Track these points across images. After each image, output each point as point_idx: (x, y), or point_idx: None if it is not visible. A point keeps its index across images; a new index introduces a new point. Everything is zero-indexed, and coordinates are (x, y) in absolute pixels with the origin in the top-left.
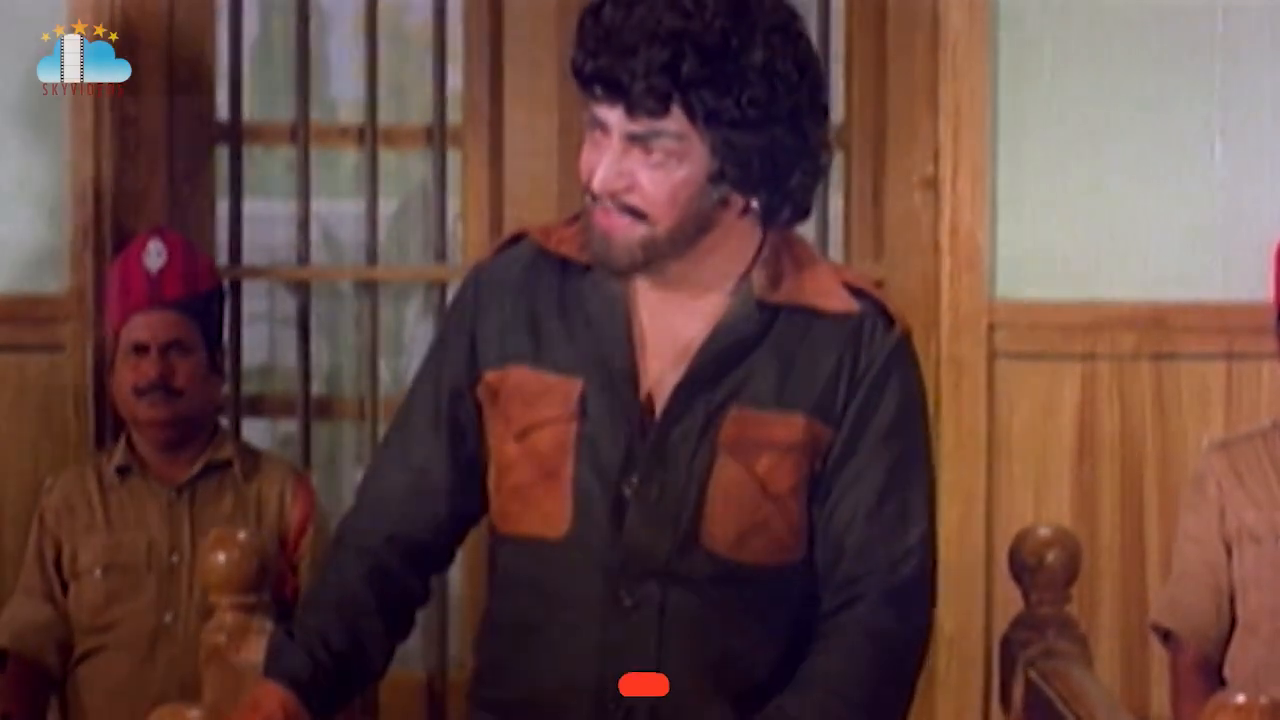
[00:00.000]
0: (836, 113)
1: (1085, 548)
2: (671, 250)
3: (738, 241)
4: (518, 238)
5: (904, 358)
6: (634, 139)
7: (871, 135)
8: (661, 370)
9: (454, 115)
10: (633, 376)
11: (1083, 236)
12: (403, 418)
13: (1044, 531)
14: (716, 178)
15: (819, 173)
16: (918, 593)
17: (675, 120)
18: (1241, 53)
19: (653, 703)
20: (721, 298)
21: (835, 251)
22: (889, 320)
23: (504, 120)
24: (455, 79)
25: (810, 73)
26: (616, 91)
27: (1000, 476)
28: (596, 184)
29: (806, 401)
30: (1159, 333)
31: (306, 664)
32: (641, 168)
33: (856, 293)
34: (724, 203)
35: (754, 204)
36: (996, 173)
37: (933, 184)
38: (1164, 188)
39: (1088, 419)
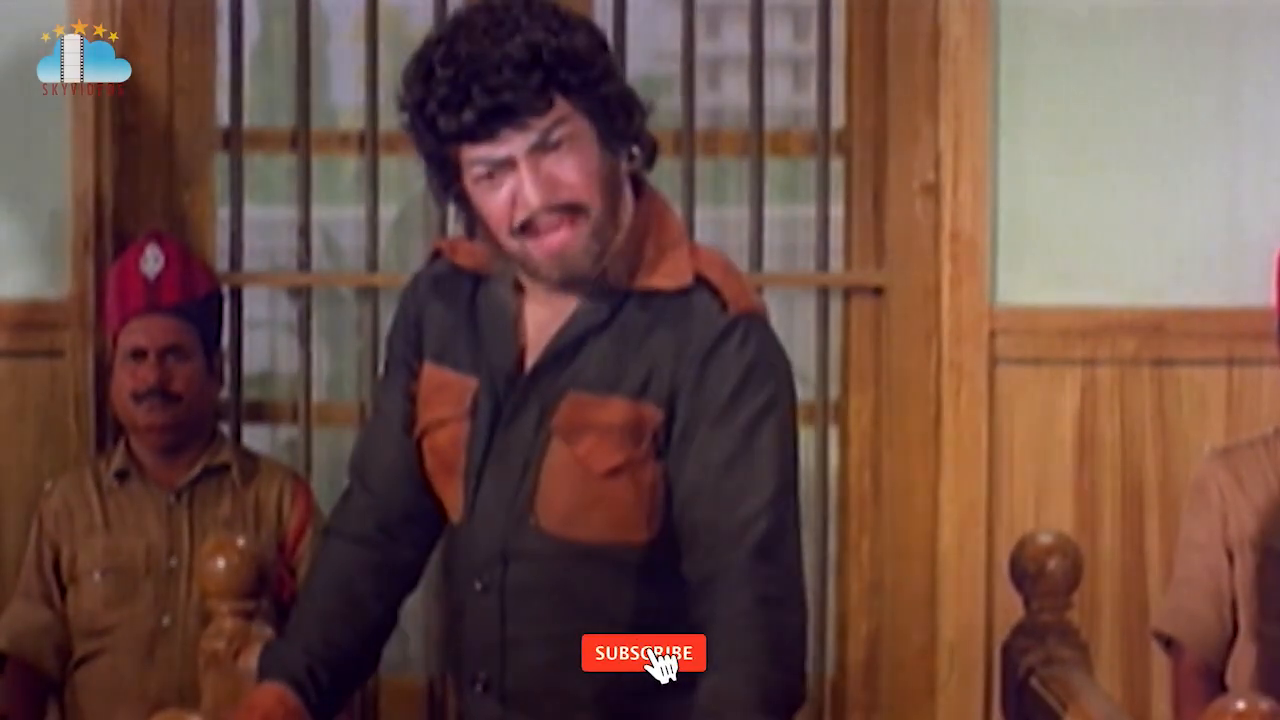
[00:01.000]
0: (837, 118)
1: (1086, 554)
2: (614, 230)
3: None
4: (438, 252)
5: (739, 336)
6: (535, 149)
7: (872, 141)
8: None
9: None
10: (513, 376)
11: (1083, 242)
12: (376, 412)
13: (1045, 538)
14: (605, 140)
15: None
16: (780, 546)
17: (558, 107)
18: (1243, 60)
19: (504, 681)
20: (585, 290)
21: (836, 258)
22: (723, 306)
23: None
24: None
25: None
26: (505, 115)
27: (1001, 482)
28: (534, 200)
29: (632, 383)
30: (1159, 338)
31: (302, 659)
32: (555, 166)
33: (700, 278)
34: (616, 162)
35: (635, 152)
36: (997, 179)
37: (933, 190)
38: (1164, 194)
39: (1088, 425)
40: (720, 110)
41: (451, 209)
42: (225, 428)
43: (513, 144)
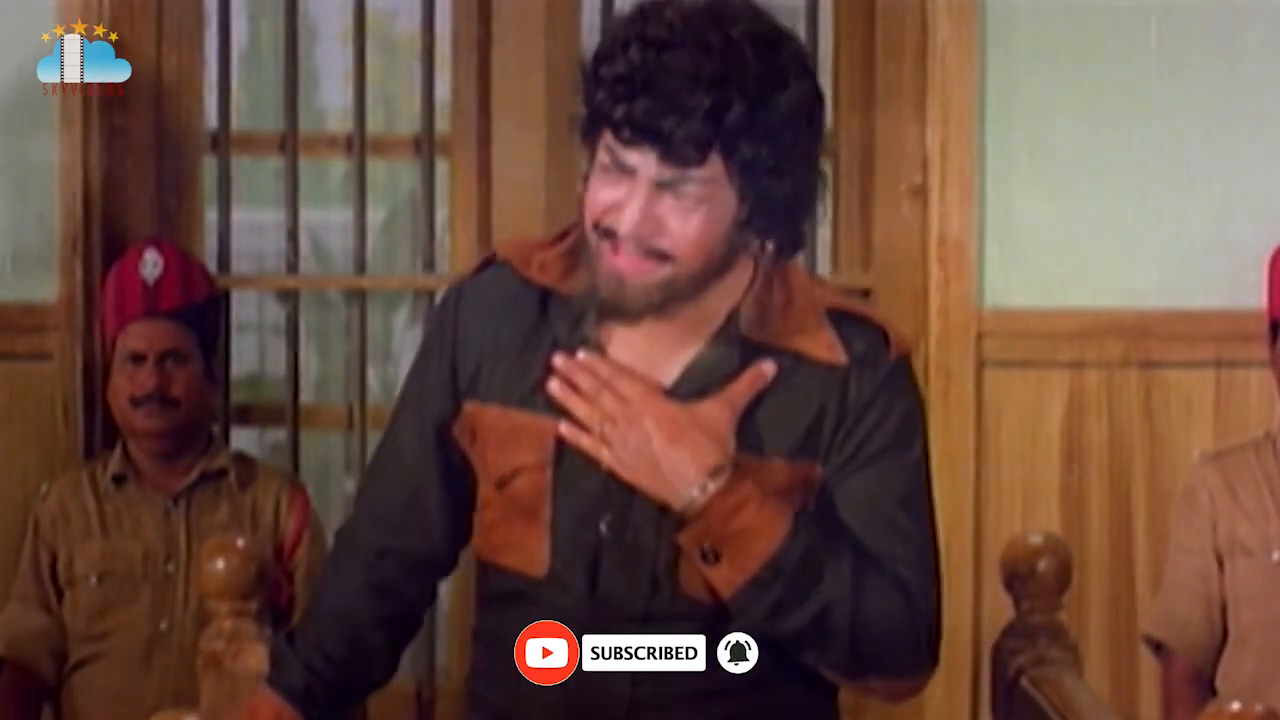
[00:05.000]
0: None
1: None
2: (689, 293)
3: (735, 276)
4: (494, 258)
5: (899, 382)
6: (662, 185)
7: (859, 145)
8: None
9: (442, 124)
10: None
11: (1070, 245)
12: (392, 437)
13: (1035, 539)
14: (744, 224)
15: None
16: (926, 600)
17: (710, 167)
18: (1230, 63)
19: None
20: (706, 335)
21: (823, 261)
22: (885, 345)
23: (492, 130)
24: (444, 88)
25: (823, 108)
26: (652, 138)
27: (988, 484)
28: (626, 228)
29: (786, 444)
30: (1147, 341)
31: (304, 675)
32: (671, 212)
33: (845, 317)
34: (744, 246)
35: (769, 245)
36: (984, 182)
37: (921, 193)
38: (1152, 196)
39: (1076, 427)
40: None
41: (440, 215)
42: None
43: (646, 165)
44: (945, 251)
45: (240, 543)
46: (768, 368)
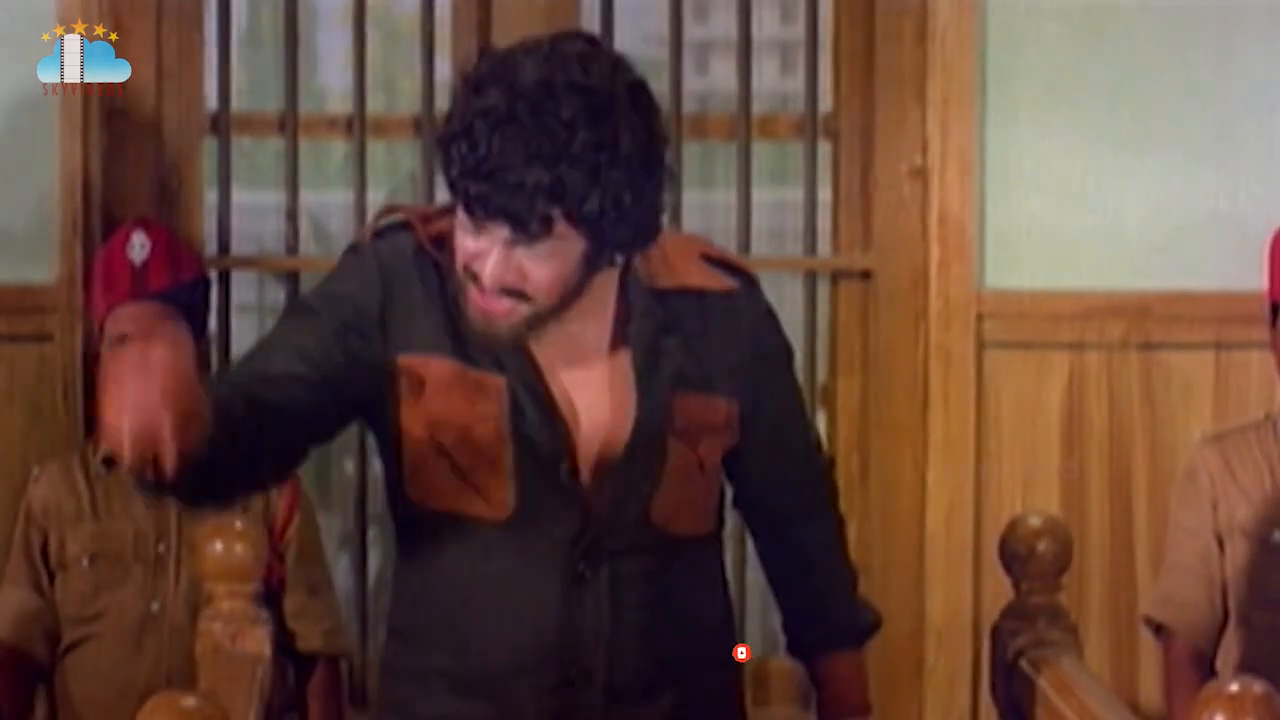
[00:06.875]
0: (825, 102)
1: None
2: (555, 317)
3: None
4: (398, 223)
5: (774, 315)
6: (514, 242)
7: (859, 125)
8: (575, 371)
9: (442, 106)
10: (540, 380)
11: (1071, 225)
12: (296, 323)
13: (1035, 520)
14: (593, 256)
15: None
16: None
17: (557, 227)
18: (1231, 43)
19: (607, 662)
20: (609, 297)
21: (824, 241)
22: (754, 286)
23: None
24: (444, 70)
25: (663, 137)
26: (501, 215)
27: (988, 466)
28: (488, 281)
29: (720, 383)
30: (1147, 322)
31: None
32: (526, 260)
33: (719, 265)
34: (597, 269)
35: (618, 259)
36: (985, 162)
37: (921, 174)
38: (1152, 177)
39: (1076, 408)
40: (708, 94)
41: (439, 197)
42: None
43: (495, 234)
44: (945, 233)
45: (238, 524)
46: None
